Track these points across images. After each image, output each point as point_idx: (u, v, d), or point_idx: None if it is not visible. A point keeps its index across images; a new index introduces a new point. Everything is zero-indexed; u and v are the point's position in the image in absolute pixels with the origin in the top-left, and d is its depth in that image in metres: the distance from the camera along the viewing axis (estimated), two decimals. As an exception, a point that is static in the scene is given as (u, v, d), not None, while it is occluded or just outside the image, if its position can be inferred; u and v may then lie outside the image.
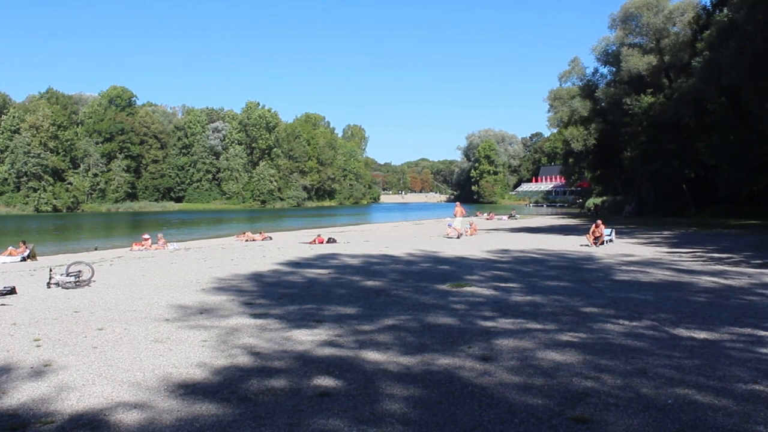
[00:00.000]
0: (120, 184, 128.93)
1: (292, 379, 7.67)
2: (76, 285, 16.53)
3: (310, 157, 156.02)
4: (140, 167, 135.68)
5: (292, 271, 19.32)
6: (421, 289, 15.05)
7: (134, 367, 8.37)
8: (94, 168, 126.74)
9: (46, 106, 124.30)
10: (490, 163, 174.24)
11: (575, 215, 76.50)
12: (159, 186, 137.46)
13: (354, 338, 9.81)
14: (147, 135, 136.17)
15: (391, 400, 6.84)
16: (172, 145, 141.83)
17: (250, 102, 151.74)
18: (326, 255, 24.61)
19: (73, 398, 7.10)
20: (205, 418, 6.39)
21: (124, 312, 12.62)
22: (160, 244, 32.00)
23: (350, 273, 18.61)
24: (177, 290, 15.58)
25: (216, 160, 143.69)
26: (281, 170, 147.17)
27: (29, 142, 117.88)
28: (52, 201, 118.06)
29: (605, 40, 61.02)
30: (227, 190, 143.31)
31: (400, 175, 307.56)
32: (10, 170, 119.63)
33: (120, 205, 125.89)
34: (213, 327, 10.83)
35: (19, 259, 27.07)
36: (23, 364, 8.64)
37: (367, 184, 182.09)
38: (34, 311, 13.03)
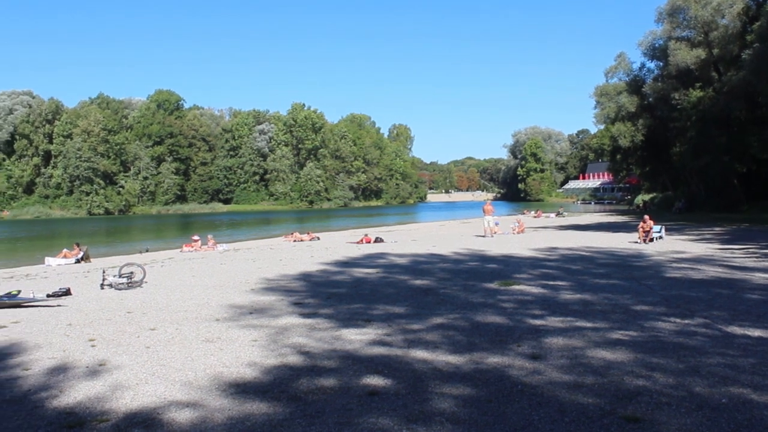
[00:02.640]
0: (169, 187, 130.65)
1: (341, 378, 7.71)
2: (128, 286, 16.80)
3: (357, 157, 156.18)
4: (189, 170, 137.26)
5: (340, 271, 19.40)
6: (469, 287, 15.00)
7: (186, 366, 8.49)
8: (144, 171, 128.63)
9: (97, 111, 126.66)
10: (537, 161, 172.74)
11: (623, 212, 75.43)
12: (207, 188, 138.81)
13: (403, 337, 9.81)
14: (195, 138, 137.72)
15: (440, 399, 6.83)
16: (219, 147, 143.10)
17: (296, 103, 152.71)
18: (374, 254, 24.65)
19: (127, 397, 7.22)
20: (256, 417, 6.46)
21: (175, 312, 12.80)
22: (209, 245, 32.33)
23: (398, 272, 18.62)
24: (227, 290, 15.75)
25: (263, 161, 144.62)
26: (328, 171, 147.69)
27: (81, 146, 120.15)
28: (104, 204, 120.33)
29: (652, 34, 59.92)
30: (274, 191, 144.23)
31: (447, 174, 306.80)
32: (63, 174, 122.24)
33: (170, 207, 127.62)
34: (263, 327, 10.92)
35: (74, 261, 27.58)
36: (79, 363, 8.82)
37: (414, 183, 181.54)
38: (88, 312, 13.29)
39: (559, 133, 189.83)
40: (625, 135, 61.68)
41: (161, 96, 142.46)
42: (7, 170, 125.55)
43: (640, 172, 78.36)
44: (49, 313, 13.27)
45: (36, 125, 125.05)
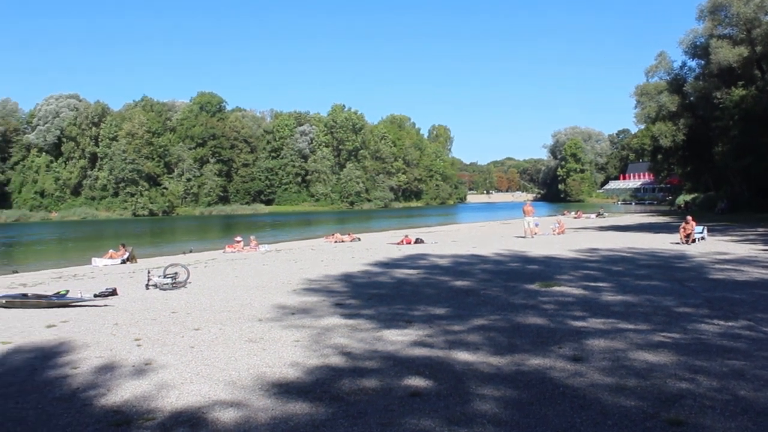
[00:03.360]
0: (212, 188, 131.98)
1: (383, 378, 7.75)
2: (172, 286, 17.04)
3: (397, 158, 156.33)
4: (231, 171, 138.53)
5: (381, 272, 19.46)
6: (510, 288, 14.96)
7: (230, 366, 8.59)
8: (187, 173, 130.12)
9: (141, 114, 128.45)
10: (577, 161, 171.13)
11: (665, 213, 74.42)
12: (249, 189, 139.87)
13: (444, 338, 9.84)
14: (237, 139, 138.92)
15: (482, 401, 6.85)
16: (261, 148, 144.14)
17: (336, 105, 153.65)
18: (414, 255, 24.68)
19: (172, 396, 7.34)
20: (299, 417, 6.52)
21: (218, 312, 12.96)
22: (252, 245, 32.60)
23: (439, 273, 18.63)
24: (269, 291, 15.89)
25: (304, 162, 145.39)
26: (368, 172, 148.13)
27: (125, 149, 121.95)
28: (148, 205, 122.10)
29: (693, 32, 59.05)
30: (315, 192, 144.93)
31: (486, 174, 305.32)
32: (108, 176, 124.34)
33: (212, 208, 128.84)
34: (305, 327, 11.02)
35: (119, 261, 28.00)
36: (125, 362, 8.98)
37: (454, 184, 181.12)
38: (134, 312, 13.51)
39: (599, 133, 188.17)
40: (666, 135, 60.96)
41: (204, 98, 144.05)
42: (55, 172, 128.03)
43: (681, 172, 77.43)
44: (97, 313, 13.51)
45: (82, 128, 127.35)
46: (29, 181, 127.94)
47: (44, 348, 10.21)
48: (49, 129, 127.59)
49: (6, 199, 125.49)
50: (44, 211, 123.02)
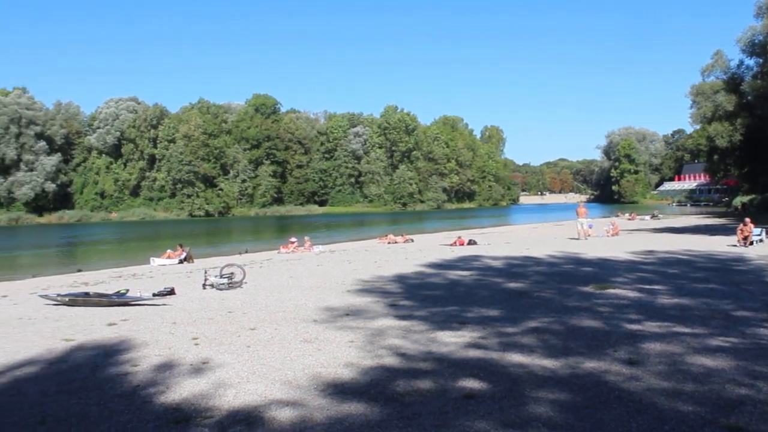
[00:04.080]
0: (267, 189, 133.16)
1: (437, 380, 7.77)
2: (229, 286, 17.24)
3: (449, 159, 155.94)
4: (285, 172, 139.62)
5: (434, 273, 19.45)
6: (564, 291, 14.85)
7: (285, 366, 8.69)
8: (242, 174, 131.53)
9: (197, 116, 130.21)
10: (631, 162, 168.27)
11: (721, 214, 72.89)
12: (303, 190, 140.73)
13: (498, 340, 9.82)
14: (291, 141, 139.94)
15: (537, 404, 6.82)
16: (315, 150, 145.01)
17: (389, 106, 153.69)
18: (467, 257, 24.61)
19: (229, 395, 7.45)
20: (354, 417, 6.57)
21: (274, 313, 13.10)
22: (306, 246, 32.82)
23: (492, 275, 18.57)
24: (324, 292, 16.01)
25: (357, 163, 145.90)
26: (421, 173, 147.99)
27: (182, 150, 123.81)
28: (204, 206, 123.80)
29: (751, 30, 57.51)
30: (369, 193, 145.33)
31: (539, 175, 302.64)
32: (166, 177, 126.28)
33: (267, 209, 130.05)
34: (359, 328, 11.09)
35: (177, 261, 28.41)
36: (183, 361, 9.15)
37: (506, 185, 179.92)
38: (191, 311, 13.73)
39: (653, 133, 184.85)
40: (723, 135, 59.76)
41: (259, 100, 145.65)
42: (115, 173, 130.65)
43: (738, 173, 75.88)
44: (155, 312, 13.77)
45: (141, 130, 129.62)
46: (90, 183, 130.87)
47: (105, 346, 10.45)
48: (109, 131, 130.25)
49: (68, 199, 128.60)
50: (104, 211, 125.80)
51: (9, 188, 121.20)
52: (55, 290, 17.91)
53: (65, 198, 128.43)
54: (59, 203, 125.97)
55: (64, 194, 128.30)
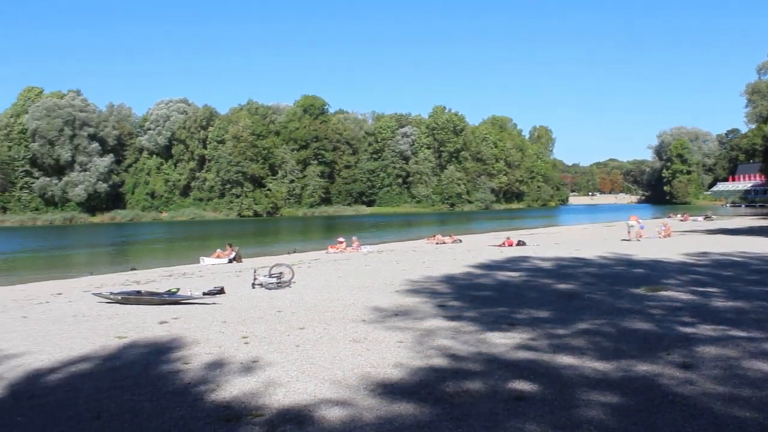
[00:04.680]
0: (315, 189, 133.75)
1: (487, 381, 7.72)
2: (277, 286, 17.35)
3: (498, 159, 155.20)
4: (333, 172, 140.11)
5: (483, 274, 19.35)
6: (615, 292, 14.64)
7: (334, 365, 8.71)
8: (290, 174, 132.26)
9: (246, 117, 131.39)
10: (683, 162, 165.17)
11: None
12: (351, 190, 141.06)
13: (548, 342, 9.72)
14: (339, 141, 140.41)
15: (588, 407, 6.74)
16: (363, 150, 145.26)
17: (437, 106, 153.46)
18: (516, 257, 24.45)
19: (279, 393, 7.49)
20: (403, 418, 6.55)
21: (323, 312, 13.14)
22: (354, 246, 32.93)
23: (541, 276, 18.41)
24: (372, 292, 16.02)
25: (405, 164, 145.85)
26: (469, 173, 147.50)
27: (231, 151, 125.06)
28: (253, 206, 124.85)
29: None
30: (416, 193, 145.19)
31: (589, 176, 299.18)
32: (215, 178, 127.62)
33: (315, 209, 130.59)
34: (408, 328, 11.07)
35: (226, 261, 28.73)
36: (234, 359, 9.23)
37: (555, 185, 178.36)
38: (241, 310, 13.85)
39: (706, 133, 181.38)
40: (780, 134, 58.44)
41: (307, 101, 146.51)
42: (165, 174, 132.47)
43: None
44: (205, 311, 13.92)
45: (191, 131, 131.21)
46: (141, 183, 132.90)
47: (157, 343, 10.60)
48: (160, 132, 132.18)
49: (120, 199, 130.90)
50: (155, 211, 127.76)
51: (63, 188, 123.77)
52: (108, 288, 18.23)
53: (117, 198, 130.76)
54: (111, 203, 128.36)
55: (116, 194, 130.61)
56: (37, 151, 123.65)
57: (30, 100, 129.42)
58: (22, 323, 13.37)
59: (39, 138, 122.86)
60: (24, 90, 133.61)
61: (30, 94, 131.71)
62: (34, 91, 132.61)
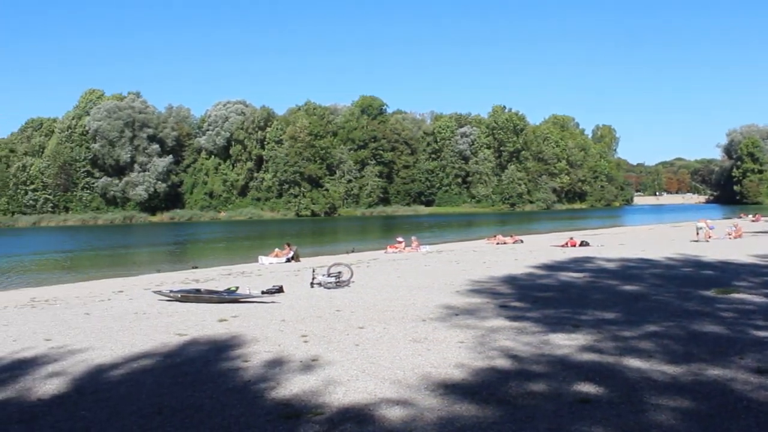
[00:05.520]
0: (373, 189, 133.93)
1: (551, 383, 7.53)
2: (336, 285, 17.33)
3: (560, 158, 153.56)
4: (392, 172, 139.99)
5: (545, 274, 19.08)
6: (684, 294, 14.25)
7: (394, 365, 8.61)
8: (348, 174, 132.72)
9: (304, 118, 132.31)
10: (755, 161, 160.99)
11: None
12: (410, 190, 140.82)
13: (614, 344, 9.46)
14: (398, 141, 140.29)
15: (657, 411, 6.50)
16: (421, 150, 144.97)
17: (497, 106, 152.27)
18: (580, 258, 24.07)
19: (339, 392, 7.42)
20: (465, 419, 6.42)
21: (382, 312, 13.06)
22: (413, 246, 32.83)
23: (606, 277, 18.06)
24: (432, 291, 15.89)
25: (465, 164, 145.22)
26: (530, 173, 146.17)
27: (288, 152, 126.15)
28: (310, 206, 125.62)
29: None
30: (476, 193, 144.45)
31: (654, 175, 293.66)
32: (273, 178, 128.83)
33: (373, 209, 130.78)
34: (469, 328, 10.91)
35: (285, 260, 28.89)
36: (293, 358, 9.20)
37: (619, 185, 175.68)
38: (299, 309, 13.85)
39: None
40: None
41: (365, 101, 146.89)
42: (223, 174, 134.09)
43: None
44: (264, 309, 13.96)
45: (249, 132, 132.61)
46: (200, 183, 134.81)
47: (217, 341, 10.63)
48: (218, 133, 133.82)
49: (179, 199, 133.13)
50: (213, 211, 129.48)
51: (124, 188, 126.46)
52: (168, 287, 18.45)
53: (176, 198, 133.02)
54: (170, 203, 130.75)
55: (175, 194, 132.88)
56: (98, 152, 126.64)
57: (91, 102, 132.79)
58: (84, 320, 13.57)
59: (100, 139, 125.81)
60: (85, 92, 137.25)
61: (91, 96, 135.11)
62: (96, 94, 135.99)
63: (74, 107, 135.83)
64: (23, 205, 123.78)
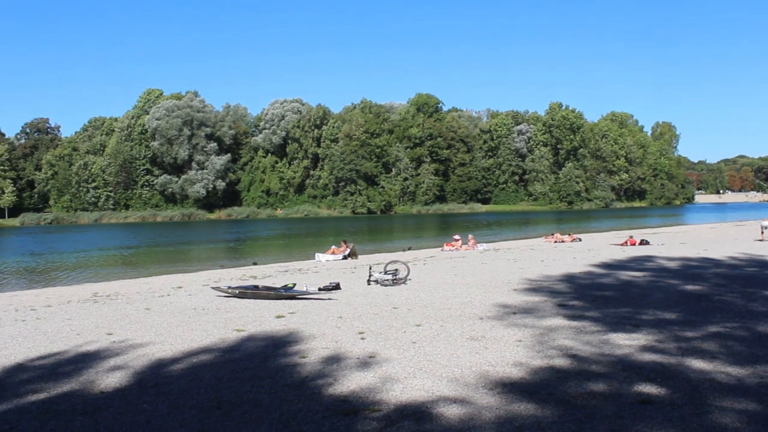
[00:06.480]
0: (429, 187, 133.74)
1: (611, 383, 7.41)
2: (393, 282, 17.33)
3: (618, 156, 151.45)
4: (448, 170, 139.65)
5: (604, 273, 18.81)
6: (748, 295, 13.91)
7: (452, 363, 8.57)
8: (404, 172, 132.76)
9: (359, 116, 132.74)
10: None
11: None
12: (466, 188, 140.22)
13: (675, 345, 9.28)
14: (454, 139, 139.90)
15: (721, 413, 6.35)
16: (477, 148, 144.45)
17: (554, 103, 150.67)
18: (639, 257, 23.68)
19: (396, 389, 7.42)
20: (523, 418, 6.36)
21: (439, 309, 13.01)
22: (470, 244, 32.69)
23: (667, 276, 17.72)
24: (489, 290, 15.79)
25: (521, 161, 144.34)
26: (588, 171, 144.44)
27: (344, 150, 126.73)
28: (366, 204, 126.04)
29: None
30: (533, 191, 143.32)
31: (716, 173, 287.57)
32: (329, 176, 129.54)
33: (429, 207, 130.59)
34: (527, 327, 10.81)
35: (341, 257, 29.05)
36: (350, 354, 9.22)
37: (680, 183, 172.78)
38: (356, 306, 13.88)
39: None
40: None
41: (421, 99, 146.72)
42: (280, 172, 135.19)
43: None
44: (321, 306, 14.03)
45: (305, 130, 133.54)
46: (257, 181, 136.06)
47: (275, 337, 10.72)
48: (274, 132, 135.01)
49: (236, 197, 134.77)
50: (270, 208, 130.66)
51: (182, 186, 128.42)
52: (226, 283, 18.66)
53: (233, 195, 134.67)
54: (228, 200, 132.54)
55: (233, 192, 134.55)
56: (157, 150, 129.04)
57: (150, 101, 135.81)
58: (145, 315, 13.81)
59: (159, 137, 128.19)
60: (144, 92, 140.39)
61: (150, 95, 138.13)
62: (155, 93, 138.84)
63: (134, 106, 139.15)
64: (85, 202, 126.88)
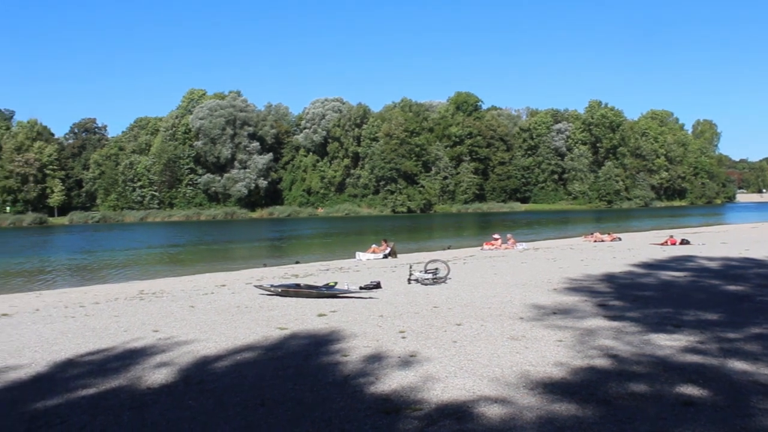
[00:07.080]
0: (468, 186, 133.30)
1: (652, 384, 7.41)
2: (433, 282, 17.38)
3: (658, 155, 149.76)
4: (487, 169, 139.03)
5: (645, 273, 18.67)
6: (792, 295, 13.78)
7: (492, 362, 8.61)
8: (443, 171, 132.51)
9: (399, 115, 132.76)
10: None
11: None
12: (506, 187, 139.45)
13: (717, 346, 9.23)
14: (493, 138, 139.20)
15: (765, 416, 6.33)
16: (517, 146, 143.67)
17: (593, 101, 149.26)
18: (680, 257, 23.46)
19: (437, 388, 7.48)
20: (564, 418, 6.40)
21: (479, 309, 13.04)
22: (509, 243, 32.62)
23: (708, 276, 17.56)
24: (529, 289, 15.78)
25: (561, 160, 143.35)
26: (627, 169, 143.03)
27: (384, 149, 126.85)
28: (406, 203, 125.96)
29: None
30: (572, 190, 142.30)
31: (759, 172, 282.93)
32: (369, 175, 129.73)
33: (469, 206, 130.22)
34: (568, 327, 10.81)
35: (382, 256, 29.18)
36: (391, 353, 9.30)
37: (721, 182, 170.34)
38: (397, 305, 13.96)
39: None
40: None
41: (460, 98, 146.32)
42: (321, 171, 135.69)
43: None
44: (362, 305, 14.14)
45: (346, 129, 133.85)
46: (298, 180, 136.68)
47: (316, 335, 10.85)
48: (315, 131, 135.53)
49: (278, 196, 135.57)
50: (311, 207, 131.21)
51: (225, 185, 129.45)
52: (268, 281, 18.84)
53: (275, 194, 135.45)
54: (270, 199, 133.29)
55: (274, 191, 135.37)
56: (201, 149, 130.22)
57: (194, 101, 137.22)
58: (189, 312, 14.04)
59: (202, 137, 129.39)
60: (188, 92, 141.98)
61: (193, 95, 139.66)
62: (198, 93, 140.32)
63: (178, 106, 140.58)
64: (131, 201, 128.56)
